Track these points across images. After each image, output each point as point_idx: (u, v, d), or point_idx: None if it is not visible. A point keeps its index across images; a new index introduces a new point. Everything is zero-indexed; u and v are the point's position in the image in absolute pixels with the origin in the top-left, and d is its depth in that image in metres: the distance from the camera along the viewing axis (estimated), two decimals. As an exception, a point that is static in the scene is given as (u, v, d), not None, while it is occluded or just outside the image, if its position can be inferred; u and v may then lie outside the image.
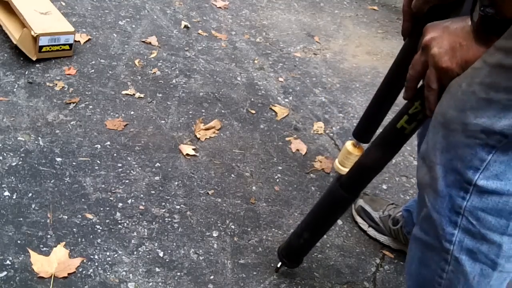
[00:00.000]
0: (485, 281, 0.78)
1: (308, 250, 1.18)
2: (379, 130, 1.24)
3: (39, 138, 1.46)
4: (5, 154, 1.38)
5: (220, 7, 2.37)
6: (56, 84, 1.66)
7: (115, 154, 1.48)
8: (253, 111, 1.79)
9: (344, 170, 1.24)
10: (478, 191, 0.73)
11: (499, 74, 0.67)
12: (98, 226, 1.26)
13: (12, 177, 1.32)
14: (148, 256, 1.23)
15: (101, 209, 1.31)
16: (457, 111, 0.72)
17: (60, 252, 1.17)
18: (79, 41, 1.86)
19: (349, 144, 1.25)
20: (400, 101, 0.95)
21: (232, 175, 1.52)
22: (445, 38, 0.75)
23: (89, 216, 1.28)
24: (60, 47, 1.73)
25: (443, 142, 0.75)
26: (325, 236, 1.40)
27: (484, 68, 0.69)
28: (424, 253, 0.83)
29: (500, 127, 0.68)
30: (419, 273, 0.86)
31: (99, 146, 1.49)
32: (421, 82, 0.83)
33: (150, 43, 1.98)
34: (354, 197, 1.05)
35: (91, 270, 1.16)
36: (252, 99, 1.85)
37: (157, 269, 1.20)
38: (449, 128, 0.73)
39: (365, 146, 1.24)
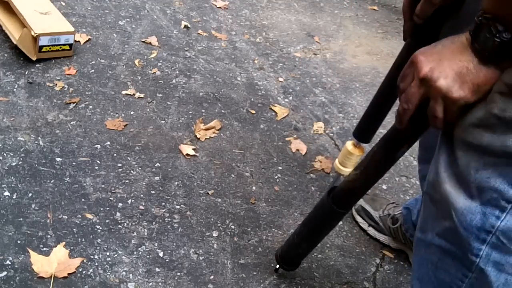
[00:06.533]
0: None
1: (306, 255, 1.19)
2: (380, 130, 1.24)
3: (39, 138, 1.46)
4: (5, 154, 1.38)
5: (220, 7, 2.37)
6: (56, 84, 1.66)
7: (115, 154, 1.48)
8: (253, 111, 1.79)
9: (344, 170, 1.24)
10: None
11: None
12: (98, 226, 1.26)
13: (12, 177, 1.32)
14: (148, 256, 1.23)
15: (101, 209, 1.31)
16: (495, 136, 0.68)
17: (60, 252, 1.17)
18: (79, 41, 1.86)
19: (349, 144, 1.25)
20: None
21: (232, 175, 1.52)
22: (446, 65, 0.69)
23: (89, 216, 1.28)
24: (60, 47, 1.73)
25: (479, 161, 0.71)
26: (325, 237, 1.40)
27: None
28: (443, 259, 0.80)
29: None
30: (435, 276, 0.83)
31: (99, 146, 1.49)
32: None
33: (150, 43, 1.98)
34: (345, 211, 1.06)
35: (91, 270, 1.16)
36: (252, 99, 1.85)
37: (157, 269, 1.20)
38: (487, 152, 0.69)
39: (366, 146, 1.24)
